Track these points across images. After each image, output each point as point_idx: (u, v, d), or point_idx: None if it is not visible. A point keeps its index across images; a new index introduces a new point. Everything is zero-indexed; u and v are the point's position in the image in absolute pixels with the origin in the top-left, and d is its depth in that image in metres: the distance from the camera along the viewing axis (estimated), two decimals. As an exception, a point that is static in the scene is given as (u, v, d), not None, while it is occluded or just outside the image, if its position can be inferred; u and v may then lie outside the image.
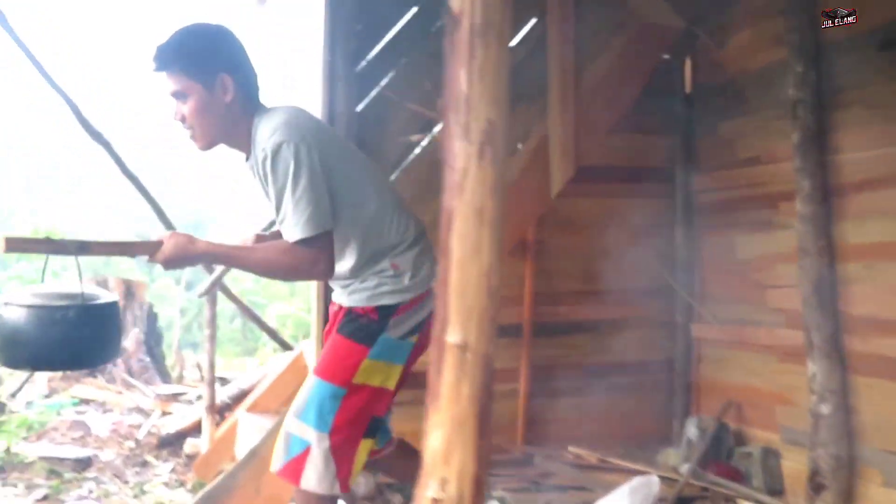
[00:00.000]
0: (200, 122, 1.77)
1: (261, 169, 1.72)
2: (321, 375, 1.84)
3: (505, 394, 3.81)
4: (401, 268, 1.86)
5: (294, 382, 3.67)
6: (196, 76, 1.73)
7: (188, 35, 1.78)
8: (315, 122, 1.85)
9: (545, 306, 3.78)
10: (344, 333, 1.86)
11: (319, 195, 1.70)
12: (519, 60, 3.01)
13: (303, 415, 1.81)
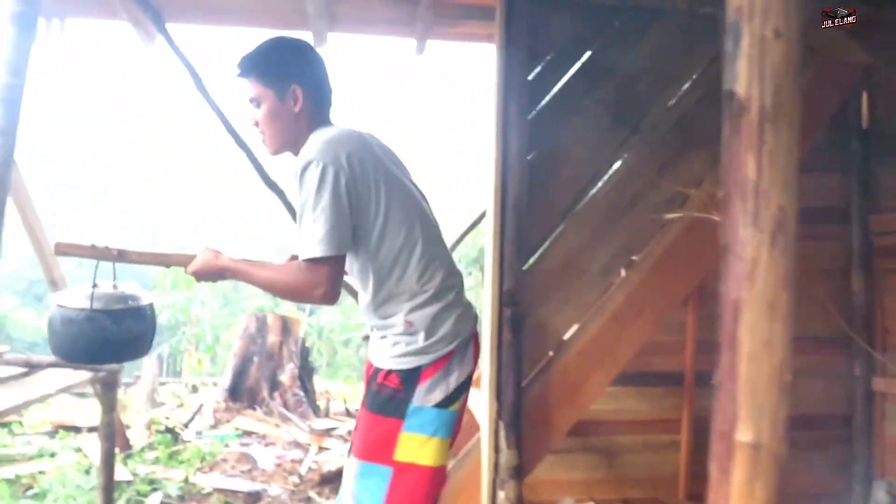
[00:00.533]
0: (270, 128, 1.82)
1: (296, 181, 1.70)
2: (361, 456, 1.72)
3: (665, 445, 3.68)
4: (414, 326, 1.74)
5: (452, 426, 3.70)
6: (270, 84, 1.79)
7: (270, 46, 1.84)
8: (362, 147, 1.77)
9: (708, 354, 3.61)
10: (372, 409, 1.75)
11: (337, 220, 1.65)
12: (692, 104, 2.92)
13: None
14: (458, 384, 1.74)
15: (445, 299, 1.76)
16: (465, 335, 1.78)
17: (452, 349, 1.74)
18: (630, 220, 2.91)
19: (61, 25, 3.50)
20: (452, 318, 1.76)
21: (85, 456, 4.28)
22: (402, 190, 1.80)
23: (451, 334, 1.75)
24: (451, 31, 3.62)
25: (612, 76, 2.87)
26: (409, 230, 1.76)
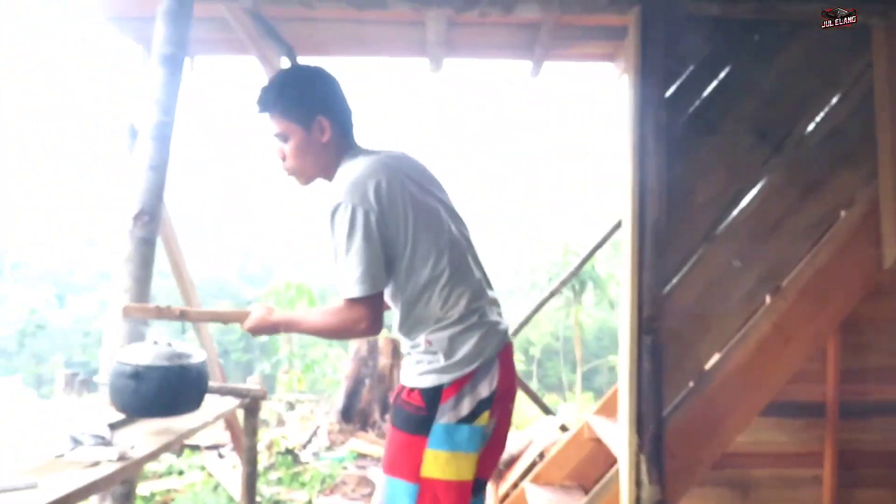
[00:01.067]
0: (301, 161, 1.86)
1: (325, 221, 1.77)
2: (389, 472, 1.81)
3: (806, 480, 3.45)
4: (433, 345, 1.79)
5: (577, 456, 3.61)
6: (295, 118, 1.82)
7: (287, 79, 1.87)
8: (389, 177, 1.78)
9: (853, 384, 3.38)
10: (396, 425, 1.82)
11: (371, 259, 1.72)
12: (842, 119, 2.75)
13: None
14: (482, 400, 1.78)
15: (467, 322, 1.80)
16: (490, 354, 1.81)
17: (475, 368, 1.78)
18: (774, 244, 2.76)
19: (191, 64, 3.68)
20: (474, 339, 1.79)
21: (210, 475, 4.42)
22: (429, 216, 1.83)
23: (472, 354, 1.78)
24: (569, 52, 3.58)
25: (752, 93, 2.74)
26: (436, 260, 1.81)
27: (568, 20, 3.06)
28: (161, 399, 1.82)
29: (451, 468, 1.75)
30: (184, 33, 2.53)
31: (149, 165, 2.50)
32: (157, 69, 2.53)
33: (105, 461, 1.54)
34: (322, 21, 3.15)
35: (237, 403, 2.47)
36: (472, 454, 1.77)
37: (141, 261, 2.49)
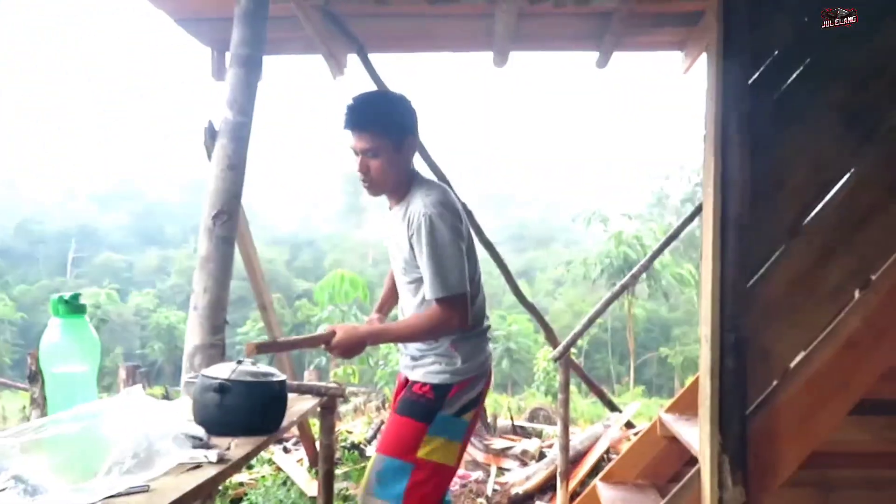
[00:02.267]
0: (384, 176, 2.08)
1: (412, 228, 2.04)
2: (385, 452, 2.13)
3: (891, 481, 3.30)
4: (457, 350, 2.14)
5: (650, 453, 3.54)
6: (389, 136, 2.03)
7: (383, 100, 2.14)
8: (456, 201, 2.18)
9: (943, 381, 3.22)
10: (404, 413, 2.15)
11: (462, 265, 2.06)
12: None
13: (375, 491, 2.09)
14: (471, 399, 2.18)
15: (484, 335, 2.26)
16: (488, 368, 2.27)
17: (476, 374, 2.19)
18: (865, 236, 2.63)
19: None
20: (486, 350, 2.25)
21: (279, 469, 4.49)
22: (471, 240, 2.22)
23: (481, 362, 2.21)
24: (639, 40, 3.50)
25: (842, 77, 2.62)
26: (478, 278, 2.22)
27: (641, 8, 2.98)
28: (245, 416, 1.81)
29: (443, 453, 2.11)
30: (260, 34, 2.55)
31: (227, 165, 2.54)
32: (234, 69, 2.56)
33: (206, 463, 1.55)
34: (391, 16, 3.14)
35: (317, 402, 2.48)
36: (459, 444, 2.17)
37: (221, 260, 2.53)
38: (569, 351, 3.57)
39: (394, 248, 2.25)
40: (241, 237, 3.34)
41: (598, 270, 25.40)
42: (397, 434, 2.15)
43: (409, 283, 2.23)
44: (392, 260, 2.30)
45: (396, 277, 2.33)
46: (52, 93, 78.64)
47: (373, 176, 2.07)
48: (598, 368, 33.31)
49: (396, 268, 2.28)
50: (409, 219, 2.07)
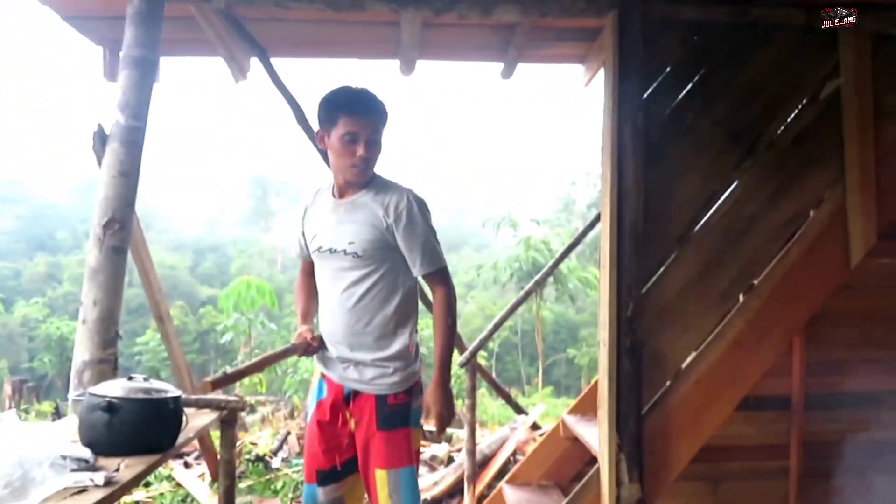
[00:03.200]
0: (375, 161, 2.18)
1: (398, 211, 2.13)
2: (398, 465, 2.16)
3: (773, 471, 3.54)
4: (413, 351, 2.23)
5: (553, 454, 3.63)
6: (382, 129, 2.18)
7: (378, 96, 2.18)
8: None
9: (819, 377, 3.48)
10: (392, 427, 2.17)
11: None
12: (811, 120, 2.81)
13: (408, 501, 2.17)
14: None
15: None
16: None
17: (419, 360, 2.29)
18: (748, 243, 2.82)
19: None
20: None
21: (179, 485, 4.32)
22: None
23: (417, 349, 2.29)
24: (541, 53, 3.59)
25: (727, 94, 2.79)
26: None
27: (543, 22, 3.06)
28: (136, 434, 1.73)
29: (417, 440, 2.25)
30: (155, 35, 2.45)
31: (119, 171, 2.42)
32: (126, 72, 2.45)
33: (92, 486, 1.48)
34: (294, 22, 3.09)
35: (216, 416, 2.41)
36: (421, 430, 2.30)
37: (112, 271, 2.41)
38: (475, 356, 3.62)
39: (339, 242, 2.16)
40: (135, 246, 3.20)
41: (508, 274, 25.87)
42: (396, 446, 2.18)
43: (360, 278, 2.16)
44: (328, 258, 2.19)
45: (332, 277, 2.20)
46: (-74, 87, 72.73)
47: (371, 159, 2.16)
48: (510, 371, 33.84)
49: (338, 266, 2.18)
50: (389, 204, 2.14)
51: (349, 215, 2.17)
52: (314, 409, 2.30)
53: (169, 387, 1.87)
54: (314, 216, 2.28)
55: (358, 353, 2.18)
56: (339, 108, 2.11)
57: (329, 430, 2.24)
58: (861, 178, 2.79)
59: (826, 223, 2.83)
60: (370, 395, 2.19)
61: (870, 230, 2.81)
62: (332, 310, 2.22)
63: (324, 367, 2.29)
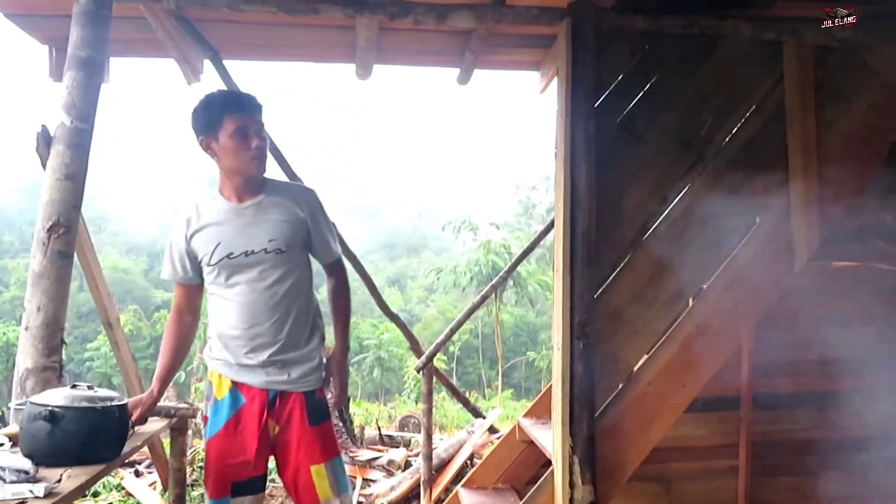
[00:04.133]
0: (267, 154, 2.23)
1: (309, 204, 2.25)
2: (329, 457, 2.24)
3: (723, 471, 3.63)
4: (323, 342, 2.33)
5: (509, 458, 3.65)
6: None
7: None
8: None
9: (766, 377, 3.58)
10: (323, 420, 2.26)
11: None
12: (757, 129, 2.90)
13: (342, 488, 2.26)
14: None
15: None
16: None
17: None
18: (697, 248, 2.88)
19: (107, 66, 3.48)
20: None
21: (129, 494, 4.22)
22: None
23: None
24: (497, 59, 3.62)
25: (677, 102, 2.86)
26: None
27: (499, 29, 3.09)
28: (80, 444, 1.69)
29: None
30: (102, 35, 2.40)
31: (65, 174, 2.36)
32: (72, 72, 2.39)
33: (31, 498, 1.44)
34: (248, 24, 3.05)
35: (166, 423, 2.36)
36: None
37: (57, 276, 2.35)
38: (431, 361, 3.62)
39: (256, 243, 2.15)
40: (81, 250, 3.12)
41: (468, 278, 25.99)
42: (328, 438, 2.26)
43: (283, 275, 2.19)
44: (241, 264, 2.16)
45: (250, 281, 2.17)
46: None
47: (265, 152, 2.20)
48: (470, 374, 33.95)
49: (256, 268, 2.16)
50: (301, 200, 2.25)
51: (261, 216, 2.19)
52: (227, 421, 2.20)
53: (114, 394, 1.83)
54: (208, 229, 2.21)
55: (289, 351, 2.20)
56: (222, 109, 2.13)
57: (250, 439, 2.18)
58: (804, 186, 2.88)
59: (772, 229, 2.91)
60: (298, 394, 2.22)
61: (813, 236, 2.90)
62: (253, 315, 2.18)
63: (237, 377, 2.21)
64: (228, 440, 2.18)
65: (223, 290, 2.21)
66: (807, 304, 3.52)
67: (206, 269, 2.21)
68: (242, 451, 2.18)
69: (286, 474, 2.24)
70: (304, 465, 2.19)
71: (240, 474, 2.18)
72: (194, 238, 2.21)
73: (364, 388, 27.30)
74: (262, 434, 2.18)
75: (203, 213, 2.23)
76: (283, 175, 3.67)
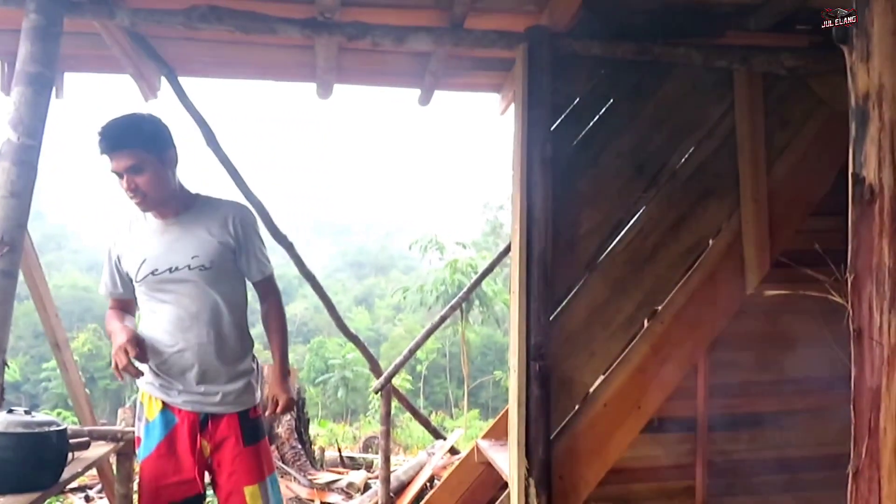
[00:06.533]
0: (155, 188, 2.12)
1: (238, 222, 2.21)
2: (270, 472, 2.26)
3: (680, 491, 3.64)
4: (255, 361, 2.33)
5: (468, 480, 3.63)
6: (151, 151, 2.09)
7: (137, 119, 2.14)
8: None
9: (721, 398, 3.62)
10: (257, 440, 2.25)
11: None
12: (709, 154, 2.96)
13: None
14: None
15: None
16: None
17: None
18: (651, 271, 2.92)
19: (60, 81, 3.42)
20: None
21: (77, 522, 4.09)
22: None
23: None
24: (457, 81, 3.64)
25: (631, 128, 2.91)
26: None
27: (458, 51, 3.11)
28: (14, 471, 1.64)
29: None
30: (52, 52, 2.36)
31: (10, 192, 2.30)
32: (20, 88, 2.34)
33: (-43, 530, 1.38)
34: (205, 42, 3.03)
35: (111, 448, 2.30)
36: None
37: (0, 297, 2.27)
38: (390, 382, 3.59)
39: (180, 260, 2.14)
40: (28, 270, 3.03)
41: (434, 297, 25.98)
42: (262, 457, 2.24)
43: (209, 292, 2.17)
44: (166, 280, 2.14)
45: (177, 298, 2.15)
46: None
47: (144, 190, 2.10)
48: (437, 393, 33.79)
49: (180, 285, 2.14)
50: (227, 217, 2.21)
51: (186, 232, 2.17)
52: (160, 442, 2.15)
53: (53, 419, 1.78)
54: (135, 243, 2.20)
55: (218, 372, 2.18)
56: (99, 148, 2.10)
57: (184, 460, 2.14)
58: (755, 210, 2.94)
59: (724, 252, 2.97)
60: (232, 415, 2.19)
61: (764, 259, 2.95)
62: (180, 333, 2.15)
63: (167, 397, 2.17)
64: (162, 461, 2.13)
65: (153, 307, 2.19)
66: (760, 326, 3.60)
67: (135, 285, 2.20)
68: (178, 471, 2.13)
69: (220, 494, 2.21)
70: (238, 487, 2.17)
71: (175, 494, 2.13)
72: (123, 255, 2.22)
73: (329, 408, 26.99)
74: (191, 456, 2.14)
75: (132, 230, 2.23)
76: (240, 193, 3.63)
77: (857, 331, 0.99)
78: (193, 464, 2.13)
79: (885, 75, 1.01)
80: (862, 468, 0.98)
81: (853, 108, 1.04)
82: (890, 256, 0.96)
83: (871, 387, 0.97)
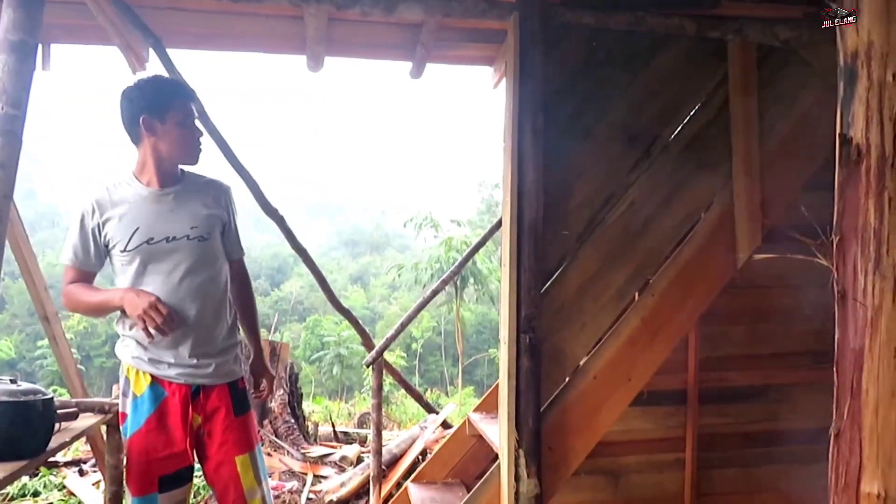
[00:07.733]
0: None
1: (226, 196, 2.30)
2: (258, 442, 2.31)
3: (670, 463, 3.69)
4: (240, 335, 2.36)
5: (459, 452, 3.65)
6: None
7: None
8: None
9: (712, 372, 3.65)
10: (245, 410, 2.28)
11: None
12: (701, 126, 2.94)
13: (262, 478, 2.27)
14: None
15: None
16: None
17: None
18: (643, 243, 2.91)
19: (47, 52, 3.37)
20: None
21: (71, 493, 4.11)
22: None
23: None
24: (449, 54, 3.59)
25: (623, 100, 2.88)
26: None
27: (449, 22, 3.07)
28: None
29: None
30: (35, 18, 2.32)
31: (-6, 162, 2.27)
32: (4, 56, 2.30)
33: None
34: (192, 12, 2.98)
35: (99, 419, 2.30)
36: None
37: (-14, 266, 2.26)
38: (381, 356, 3.60)
39: (178, 229, 2.14)
40: (15, 242, 3.01)
41: (429, 275, 25.99)
42: (251, 427, 2.29)
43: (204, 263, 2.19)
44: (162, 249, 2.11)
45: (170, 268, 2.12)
46: None
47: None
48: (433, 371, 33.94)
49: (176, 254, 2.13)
50: (219, 192, 2.29)
51: (182, 203, 2.18)
52: (149, 416, 2.13)
53: (39, 388, 1.77)
54: (123, 214, 2.14)
55: (210, 344, 2.18)
56: (173, 93, 2.16)
57: (175, 433, 2.13)
58: (746, 184, 2.93)
59: (715, 225, 2.96)
60: (222, 386, 2.23)
61: (755, 233, 2.95)
62: (176, 303, 2.11)
63: (157, 370, 2.14)
64: (152, 436, 2.11)
65: (136, 280, 2.12)
66: (749, 300, 3.61)
67: (118, 256, 2.13)
68: (169, 444, 2.12)
69: (208, 465, 2.21)
70: (229, 456, 2.19)
71: (167, 468, 2.12)
72: (108, 224, 2.13)
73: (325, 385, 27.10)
74: (181, 428, 2.14)
75: (116, 198, 2.15)
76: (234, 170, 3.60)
77: (841, 292, 0.99)
78: (185, 436, 2.13)
79: (874, 32, 0.99)
80: (843, 429, 0.98)
81: (841, 67, 1.03)
82: (875, 217, 0.96)
83: (853, 348, 0.96)
